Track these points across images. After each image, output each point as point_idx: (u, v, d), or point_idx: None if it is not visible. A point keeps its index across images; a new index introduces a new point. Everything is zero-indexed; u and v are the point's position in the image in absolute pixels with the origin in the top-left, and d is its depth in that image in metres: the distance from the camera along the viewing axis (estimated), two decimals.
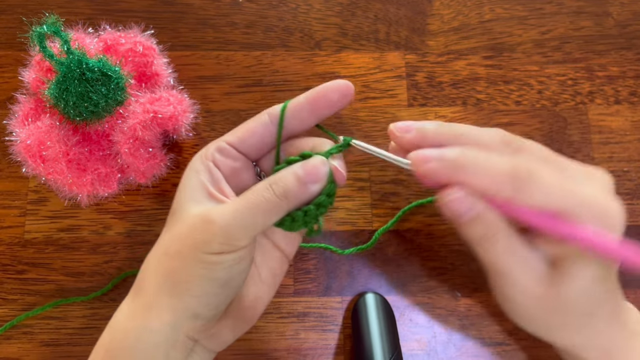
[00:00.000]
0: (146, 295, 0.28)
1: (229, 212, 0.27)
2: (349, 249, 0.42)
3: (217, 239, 0.27)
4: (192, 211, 0.28)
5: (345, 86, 0.30)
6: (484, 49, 0.47)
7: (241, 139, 0.31)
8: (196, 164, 0.30)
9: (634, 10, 0.49)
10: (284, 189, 0.28)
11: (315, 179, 0.28)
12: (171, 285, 0.28)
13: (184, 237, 0.28)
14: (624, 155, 0.45)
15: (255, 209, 0.27)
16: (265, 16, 0.48)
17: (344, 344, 0.40)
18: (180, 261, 0.28)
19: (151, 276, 0.29)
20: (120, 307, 0.30)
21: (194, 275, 0.27)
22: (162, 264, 0.28)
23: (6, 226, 0.42)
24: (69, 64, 0.36)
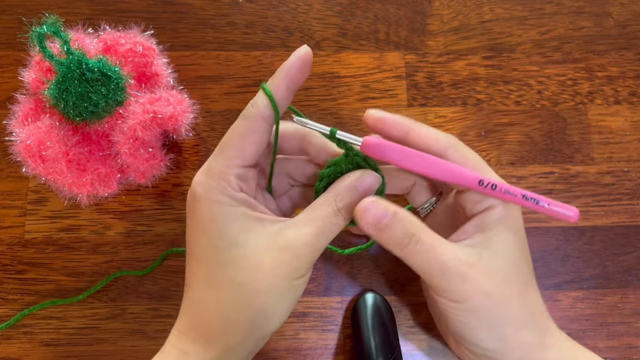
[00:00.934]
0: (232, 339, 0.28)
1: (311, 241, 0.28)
2: (349, 249, 0.42)
3: (305, 265, 0.28)
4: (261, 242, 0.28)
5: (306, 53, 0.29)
6: (484, 49, 0.47)
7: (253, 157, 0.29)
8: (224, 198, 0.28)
9: (634, 10, 0.49)
10: (350, 213, 0.29)
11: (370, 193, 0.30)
12: (263, 321, 0.28)
13: (273, 270, 0.28)
14: (624, 155, 0.45)
15: (329, 233, 0.29)
16: (265, 16, 0.48)
17: (344, 344, 0.40)
18: (273, 294, 0.28)
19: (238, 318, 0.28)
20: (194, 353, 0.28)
21: (287, 302, 0.29)
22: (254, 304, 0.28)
23: (6, 226, 0.42)
24: (69, 64, 0.36)
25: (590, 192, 0.44)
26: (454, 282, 0.29)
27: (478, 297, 0.29)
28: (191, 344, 0.28)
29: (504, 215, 0.30)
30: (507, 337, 0.30)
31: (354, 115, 0.45)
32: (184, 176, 0.43)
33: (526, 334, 0.31)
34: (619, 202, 0.44)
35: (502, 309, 0.30)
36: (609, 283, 0.42)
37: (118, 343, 0.40)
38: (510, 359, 0.31)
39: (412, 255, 0.29)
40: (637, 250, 0.43)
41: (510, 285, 0.30)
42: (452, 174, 0.29)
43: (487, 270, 0.29)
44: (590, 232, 0.43)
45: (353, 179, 0.30)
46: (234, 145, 0.28)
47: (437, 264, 0.29)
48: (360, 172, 0.30)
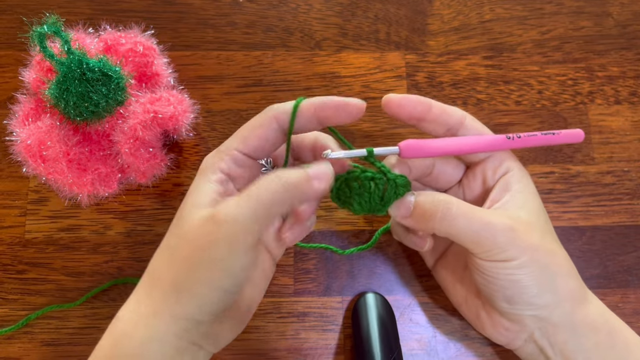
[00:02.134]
0: (152, 302, 0.28)
1: (235, 208, 0.27)
2: (349, 249, 0.42)
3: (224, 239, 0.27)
4: (200, 214, 0.28)
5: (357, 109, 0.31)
6: (484, 49, 0.47)
7: (255, 148, 0.30)
8: (208, 173, 0.30)
9: (634, 10, 0.49)
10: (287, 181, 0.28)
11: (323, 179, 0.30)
12: (178, 292, 0.28)
13: (192, 241, 0.28)
14: (624, 155, 0.45)
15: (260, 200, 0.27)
16: (265, 16, 0.48)
17: (344, 343, 0.40)
18: (188, 266, 0.27)
19: (157, 282, 0.28)
20: (121, 316, 0.29)
21: (203, 279, 0.27)
22: (171, 270, 0.28)
23: (6, 226, 0.42)
24: (70, 64, 0.36)
25: (591, 192, 0.44)
26: (503, 240, 0.30)
27: (528, 251, 0.30)
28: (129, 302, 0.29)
29: (521, 175, 0.33)
30: (557, 287, 0.31)
31: None
32: (185, 176, 0.43)
33: (573, 283, 0.32)
34: (619, 202, 0.44)
35: (551, 260, 0.31)
36: (610, 283, 0.42)
37: None
38: (558, 314, 0.32)
39: (451, 222, 0.30)
40: (638, 250, 0.43)
41: (548, 237, 0.32)
42: (484, 143, 0.33)
43: (527, 225, 0.31)
44: (591, 232, 0.43)
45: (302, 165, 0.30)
46: (241, 132, 0.31)
47: (482, 225, 0.30)
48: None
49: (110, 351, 0.28)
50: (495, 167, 0.34)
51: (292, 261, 0.42)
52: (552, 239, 0.33)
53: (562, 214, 0.43)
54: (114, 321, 0.29)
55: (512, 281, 0.31)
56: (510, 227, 0.30)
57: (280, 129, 0.31)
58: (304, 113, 0.30)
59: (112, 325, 0.29)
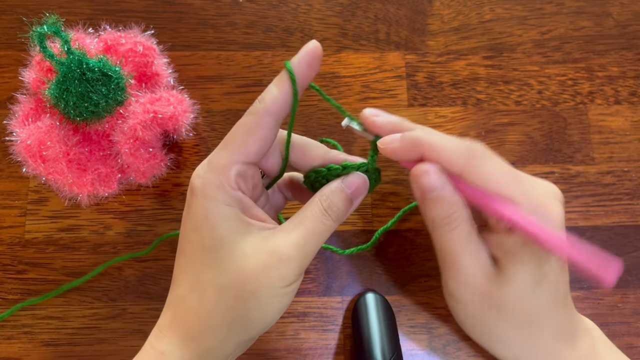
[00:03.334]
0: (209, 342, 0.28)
1: (300, 245, 0.27)
2: (349, 249, 0.42)
3: (294, 272, 0.27)
4: (249, 247, 0.27)
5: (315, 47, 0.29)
6: (484, 49, 0.47)
7: (256, 154, 0.28)
8: (221, 195, 0.27)
9: (634, 10, 0.49)
10: (338, 214, 0.29)
11: (359, 195, 0.30)
12: (243, 327, 0.28)
13: (257, 276, 0.27)
14: (624, 155, 0.45)
15: (318, 236, 0.28)
16: (265, 16, 0.48)
17: (344, 344, 0.40)
18: (256, 301, 0.27)
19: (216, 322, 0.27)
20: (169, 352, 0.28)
21: (269, 311, 0.28)
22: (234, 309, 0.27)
23: (6, 226, 0.42)
24: (69, 64, 0.36)
25: (591, 192, 0.44)
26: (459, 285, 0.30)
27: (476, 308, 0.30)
28: (168, 343, 0.28)
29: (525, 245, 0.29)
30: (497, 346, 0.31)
31: (354, 115, 0.45)
32: (185, 176, 0.43)
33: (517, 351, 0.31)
34: (619, 202, 0.44)
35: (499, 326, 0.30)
36: None
37: (118, 343, 0.40)
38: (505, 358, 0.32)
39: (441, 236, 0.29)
40: (637, 250, 0.43)
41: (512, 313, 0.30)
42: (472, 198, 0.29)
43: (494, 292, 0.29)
44: (591, 232, 0.43)
45: (339, 180, 0.30)
46: (238, 140, 0.28)
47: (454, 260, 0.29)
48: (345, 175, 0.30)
49: None
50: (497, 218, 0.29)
51: None
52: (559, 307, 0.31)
53: None
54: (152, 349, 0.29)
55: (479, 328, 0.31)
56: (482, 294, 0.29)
57: (276, 123, 0.28)
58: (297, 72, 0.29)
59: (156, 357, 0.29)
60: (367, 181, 0.30)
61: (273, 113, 0.28)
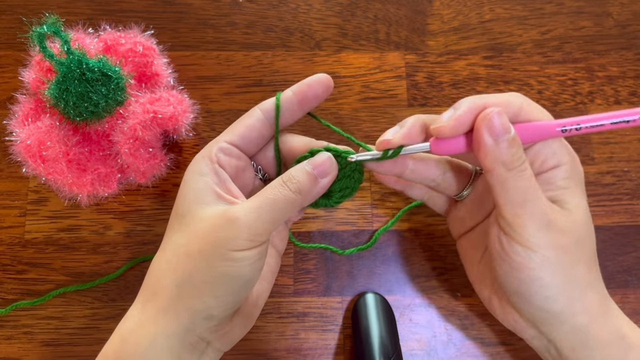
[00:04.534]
0: (161, 300, 0.28)
1: (251, 209, 0.28)
2: (349, 249, 0.42)
3: (242, 235, 0.27)
4: (208, 212, 0.28)
5: (327, 79, 0.31)
6: (484, 49, 0.47)
7: (241, 136, 0.31)
8: (200, 166, 0.30)
9: (634, 10, 0.49)
10: (298, 186, 0.29)
11: (324, 173, 0.30)
12: (191, 285, 0.28)
13: (206, 236, 0.28)
14: (624, 155, 0.45)
15: (274, 204, 0.28)
16: (265, 16, 0.48)
17: (344, 344, 0.40)
18: (202, 261, 0.27)
19: (166, 279, 0.28)
20: (130, 314, 0.29)
21: (218, 274, 0.27)
22: (181, 265, 0.28)
23: (6, 226, 0.42)
24: (69, 64, 0.36)
25: (591, 192, 0.44)
26: (539, 226, 0.29)
27: (556, 250, 0.29)
28: (132, 307, 0.30)
29: (574, 173, 0.30)
30: (574, 298, 0.30)
31: (354, 115, 0.45)
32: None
33: (594, 296, 0.31)
34: (619, 202, 0.44)
35: (576, 267, 0.30)
36: (609, 283, 0.42)
37: None
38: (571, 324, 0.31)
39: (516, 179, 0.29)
40: (637, 250, 0.43)
41: (583, 246, 0.30)
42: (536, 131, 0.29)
43: (568, 226, 0.29)
44: None
45: (305, 161, 0.30)
46: (230, 127, 0.32)
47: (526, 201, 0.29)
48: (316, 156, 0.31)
49: (119, 346, 0.28)
50: (547, 155, 0.30)
51: (292, 261, 0.42)
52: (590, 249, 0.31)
53: None
54: (122, 320, 0.29)
55: (531, 277, 0.29)
56: (550, 221, 0.29)
57: (267, 120, 0.32)
58: (287, 103, 0.32)
59: (120, 323, 0.29)
60: (332, 159, 0.31)
61: (265, 109, 0.32)
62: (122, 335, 0.29)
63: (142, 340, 0.28)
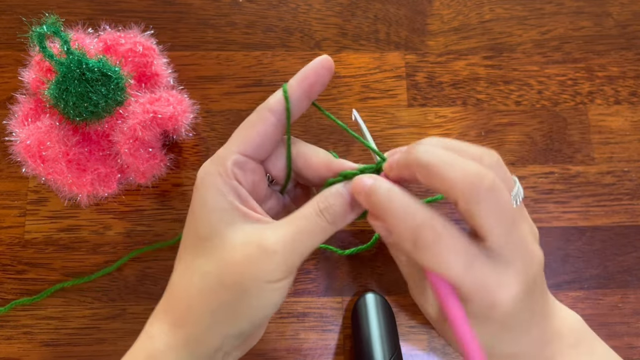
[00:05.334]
0: (194, 327, 0.28)
1: (287, 241, 0.27)
2: (349, 249, 0.42)
3: (279, 267, 0.27)
4: (238, 237, 0.27)
5: (329, 61, 0.29)
6: (484, 49, 0.47)
7: (256, 146, 0.29)
8: (217, 184, 0.28)
9: (634, 10, 0.49)
10: (334, 216, 0.28)
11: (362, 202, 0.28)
12: (227, 315, 0.27)
13: (242, 267, 0.27)
14: (624, 155, 0.45)
15: (310, 235, 0.27)
16: (265, 16, 0.48)
17: (344, 344, 0.40)
18: (239, 292, 0.27)
19: (200, 308, 0.28)
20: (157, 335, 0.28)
21: (255, 305, 0.27)
22: (215, 295, 0.27)
23: (6, 226, 0.42)
24: (69, 64, 0.36)
25: (591, 192, 0.44)
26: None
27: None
28: (158, 327, 0.29)
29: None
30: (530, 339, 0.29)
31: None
32: (184, 176, 0.43)
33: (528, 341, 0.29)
34: (619, 202, 0.44)
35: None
36: (609, 283, 0.42)
37: (118, 343, 0.40)
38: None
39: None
40: (637, 250, 0.43)
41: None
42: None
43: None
44: (591, 232, 0.43)
45: (342, 184, 0.29)
46: (239, 133, 0.29)
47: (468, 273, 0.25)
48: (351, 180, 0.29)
49: None
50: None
51: None
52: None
53: (562, 214, 0.43)
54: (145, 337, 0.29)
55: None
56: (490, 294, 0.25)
57: (278, 122, 0.29)
58: (293, 92, 0.29)
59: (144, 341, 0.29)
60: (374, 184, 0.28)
61: (274, 110, 0.29)
62: (151, 356, 0.28)
63: None
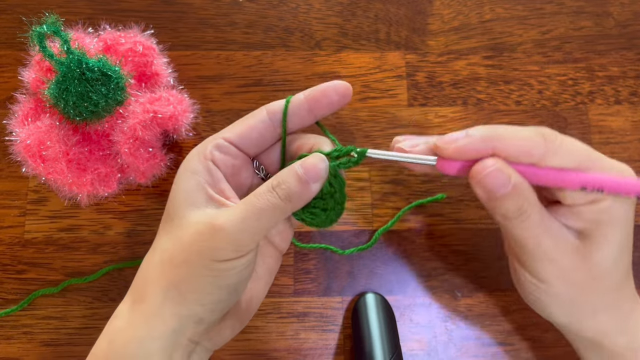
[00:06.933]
0: (149, 304, 0.28)
1: (237, 219, 0.27)
2: (349, 249, 0.42)
3: (226, 246, 0.27)
4: (194, 217, 0.28)
5: (345, 88, 0.29)
6: (484, 49, 0.47)
7: (240, 135, 0.30)
8: (193, 164, 0.29)
9: (634, 10, 0.49)
10: (287, 192, 0.27)
11: (316, 178, 0.28)
12: (177, 294, 0.27)
13: (190, 245, 0.27)
14: (624, 155, 0.45)
15: (262, 213, 0.27)
16: (265, 16, 0.48)
17: (344, 344, 0.40)
18: (187, 270, 0.27)
19: (154, 284, 0.28)
20: (117, 315, 0.29)
21: (203, 284, 0.27)
22: (167, 273, 0.28)
23: (6, 226, 0.42)
24: (69, 64, 0.36)
25: None
26: (542, 265, 0.29)
27: (565, 284, 0.29)
28: (121, 306, 0.29)
29: (612, 210, 0.28)
30: (581, 319, 0.31)
31: (354, 115, 0.45)
32: None
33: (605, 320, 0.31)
34: None
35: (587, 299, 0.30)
36: None
37: None
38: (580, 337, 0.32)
39: (514, 228, 0.28)
40: (638, 250, 0.43)
41: (602, 280, 0.30)
42: (551, 180, 0.28)
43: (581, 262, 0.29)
44: None
45: (296, 162, 0.28)
46: (231, 124, 0.31)
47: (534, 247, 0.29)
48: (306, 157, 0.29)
49: (108, 347, 0.28)
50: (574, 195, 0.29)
51: (292, 261, 0.42)
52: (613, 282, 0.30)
53: None
54: (111, 320, 0.29)
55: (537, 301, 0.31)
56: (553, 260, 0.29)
57: (272, 122, 0.30)
58: (296, 107, 0.30)
59: (108, 324, 0.29)
60: (325, 162, 0.28)
61: (271, 111, 0.30)
62: (111, 335, 0.29)
63: (131, 341, 0.27)
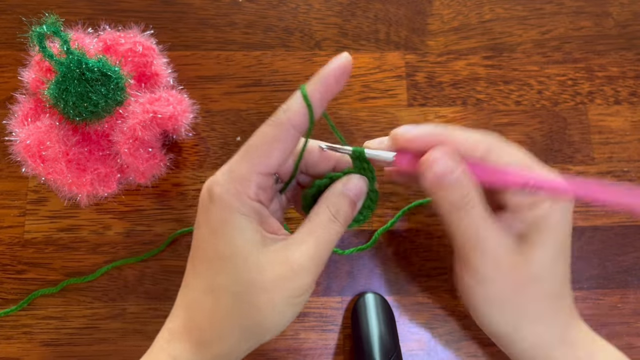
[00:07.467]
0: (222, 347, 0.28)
1: (311, 254, 0.28)
2: (349, 249, 0.42)
3: (308, 282, 0.28)
4: (264, 258, 0.27)
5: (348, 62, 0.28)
6: (484, 49, 0.47)
7: (278, 165, 0.28)
8: (239, 204, 0.27)
9: (634, 10, 0.49)
10: (345, 218, 0.29)
11: (361, 197, 0.30)
12: (255, 334, 0.28)
13: (273, 287, 0.27)
14: (624, 155, 0.45)
15: (329, 243, 0.28)
16: (265, 16, 0.48)
17: (343, 344, 0.40)
18: (272, 310, 0.27)
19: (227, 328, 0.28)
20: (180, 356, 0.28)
21: (284, 318, 0.28)
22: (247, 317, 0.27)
23: (6, 226, 0.42)
24: (69, 64, 0.36)
25: None
26: (483, 259, 0.29)
27: (501, 283, 0.30)
28: (180, 347, 0.28)
29: (549, 215, 0.29)
30: (519, 327, 0.31)
31: (354, 115, 0.45)
32: (184, 176, 0.43)
33: (542, 330, 0.31)
34: None
35: (524, 306, 0.30)
36: (609, 283, 0.42)
37: (118, 343, 0.40)
38: (519, 348, 0.32)
39: (460, 219, 0.29)
40: (637, 250, 0.43)
41: (539, 282, 0.30)
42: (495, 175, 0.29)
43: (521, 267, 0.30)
44: (590, 232, 0.43)
45: (340, 185, 0.30)
46: (260, 151, 0.27)
47: (477, 239, 0.29)
48: (346, 177, 0.30)
49: None
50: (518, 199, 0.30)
51: None
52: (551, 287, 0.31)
53: None
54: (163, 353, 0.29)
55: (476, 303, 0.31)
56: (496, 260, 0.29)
57: (298, 134, 0.28)
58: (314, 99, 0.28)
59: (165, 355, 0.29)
60: (367, 183, 0.30)
61: (297, 125, 0.27)
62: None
63: None
